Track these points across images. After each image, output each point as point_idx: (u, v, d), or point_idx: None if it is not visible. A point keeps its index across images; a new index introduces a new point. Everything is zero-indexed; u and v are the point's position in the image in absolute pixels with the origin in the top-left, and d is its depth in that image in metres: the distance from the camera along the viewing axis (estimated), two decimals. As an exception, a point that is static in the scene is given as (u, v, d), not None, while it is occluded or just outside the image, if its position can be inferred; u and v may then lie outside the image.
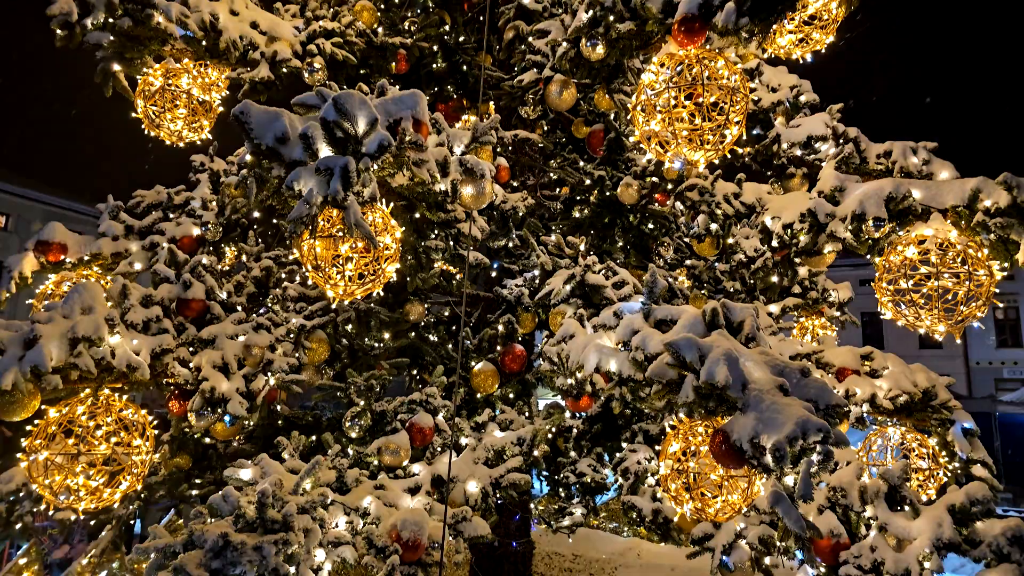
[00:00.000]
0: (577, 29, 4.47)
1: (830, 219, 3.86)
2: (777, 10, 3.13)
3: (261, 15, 4.73)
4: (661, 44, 4.15)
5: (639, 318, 3.19)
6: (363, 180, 2.75)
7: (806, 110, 6.45)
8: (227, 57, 4.37)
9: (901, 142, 5.28)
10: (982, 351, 28.12)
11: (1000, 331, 27.96)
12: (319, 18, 5.18)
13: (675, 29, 3.59)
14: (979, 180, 3.40)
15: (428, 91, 6.78)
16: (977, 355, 28.23)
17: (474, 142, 3.93)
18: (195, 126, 4.30)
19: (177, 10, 3.98)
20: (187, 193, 5.46)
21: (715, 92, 3.50)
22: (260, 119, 2.75)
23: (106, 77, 4.09)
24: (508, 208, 5.00)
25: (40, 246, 4.73)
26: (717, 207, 4.75)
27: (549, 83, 5.14)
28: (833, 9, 4.59)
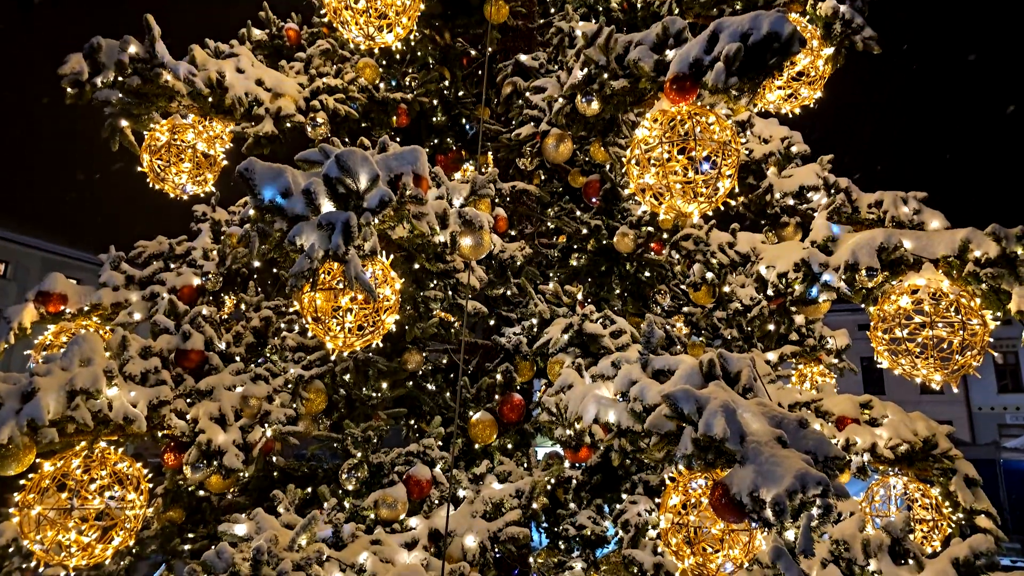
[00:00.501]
0: (572, 86, 4.61)
1: (824, 269, 3.92)
2: (765, 70, 3.25)
3: (266, 72, 4.88)
4: (654, 100, 4.28)
5: (637, 368, 3.20)
6: (364, 234, 2.81)
7: (797, 161, 6.60)
8: (232, 113, 4.49)
9: (891, 192, 5.39)
10: (984, 396, 27.96)
11: (1000, 376, 27.86)
12: (323, 75, 5.34)
13: (667, 87, 3.71)
14: (968, 231, 3.47)
15: (428, 143, 6.94)
16: (979, 400, 28.05)
17: (473, 195, 4.02)
18: (199, 179, 4.39)
19: (185, 69, 4.11)
20: (188, 243, 5.52)
21: (707, 147, 3.60)
22: (264, 175, 2.82)
23: (113, 132, 4.20)
24: (506, 257, 5.06)
25: (40, 297, 4.76)
26: (712, 256, 4.81)
27: (546, 137, 5.27)
28: (820, 66, 4.76)
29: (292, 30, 6.71)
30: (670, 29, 3.97)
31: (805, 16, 4.93)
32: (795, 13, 5.05)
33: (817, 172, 5.94)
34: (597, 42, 4.41)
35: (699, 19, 5.85)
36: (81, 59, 3.83)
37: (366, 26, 4.33)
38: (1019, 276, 3.19)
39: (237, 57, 4.70)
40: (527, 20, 7.61)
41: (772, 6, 5.20)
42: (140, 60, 3.95)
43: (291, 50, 6.50)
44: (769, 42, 3.22)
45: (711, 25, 3.57)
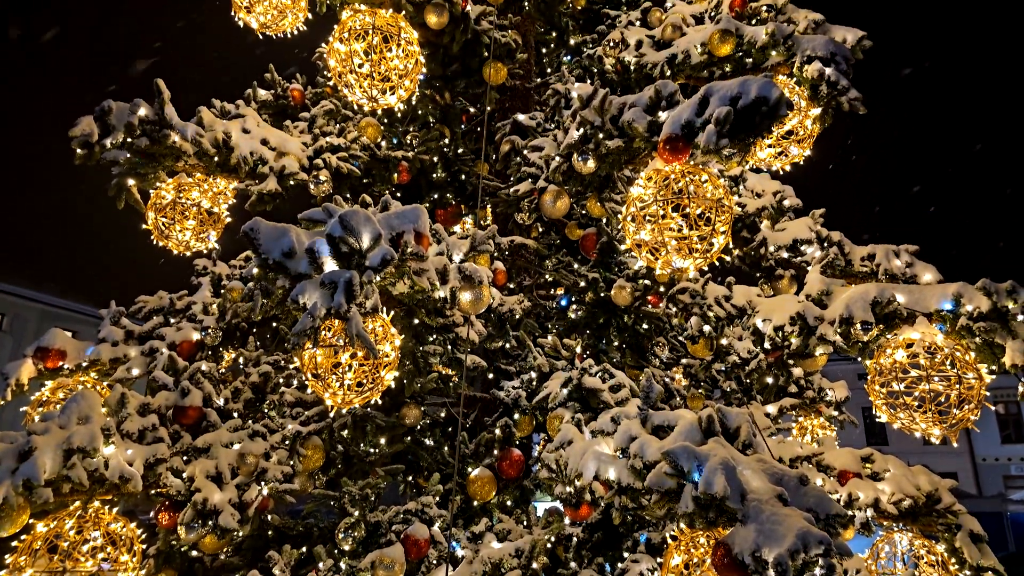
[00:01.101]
0: (569, 145, 4.74)
1: (819, 322, 3.96)
2: (755, 132, 3.36)
3: (271, 132, 5.02)
4: (648, 159, 4.40)
5: (636, 424, 3.20)
6: (366, 292, 2.85)
7: (790, 214, 6.74)
8: (238, 171, 4.60)
9: (883, 245, 5.50)
10: (987, 447, 27.62)
11: (1003, 426, 27.58)
12: (326, 134, 5.49)
13: (661, 147, 3.83)
14: (959, 285, 3.52)
15: (428, 198, 7.07)
16: (983, 451, 27.70)
17: (473, 250, 4.09)
18: (203, 236, 4.47)
19: (193, 130, 4.24)
20: (189, 298, 5.56)
21: (701, 204, 3.69)
22: (269, 235, 2.88)
23: (119, 191, 4.29)
24: (505, 311, 5.10)
25: (39, 352, 4.77)
26: (709, 309, 4.86)
27: (543, 193, 5.39)
28: (808, 125, 4.92)
29: (297, 90, 6.92)
30: (662, 92, 4.12)
31: (792, 78, 5.12)
32: (782, 75, 5.25)
33: (809, 225, 6.06)
34: (592, 104, 4.56)
35: (690, 80, 6.06)
36: (92, 121, 3.95)
37: (369, 89, 4.49)
38: (1012, 330, 3.23)
39: (243, 118, 4.85)
40: (524, 80, 7.87)
41: (760, 69, 5.41)
42: (149, 122, 4.07)
43: (295, 109, 6.69)
44: (758, 106, 3.34)
45: (702, 89, 3.70)
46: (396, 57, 4.58)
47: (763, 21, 6.28)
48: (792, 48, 5.12)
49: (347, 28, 4.49)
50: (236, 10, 5.54)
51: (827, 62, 4.81)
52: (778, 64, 5.33)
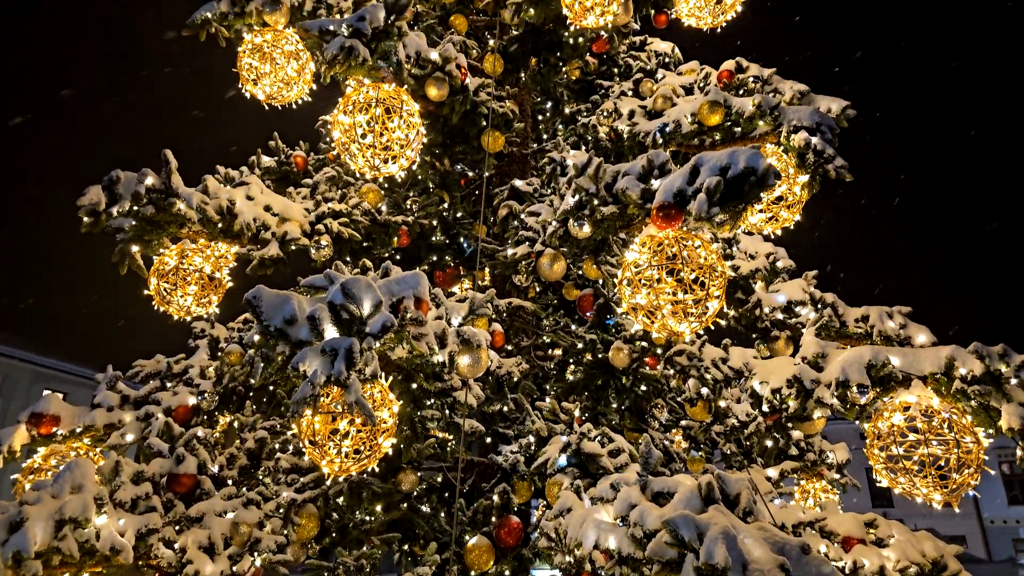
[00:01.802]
0: (565, 211, 4.87)
1: (816, 385, 3.98)
2: (745, 201, 3.47)
3: (275, 199, 5.14)
4: (642, 225, 4.51)
5: (636, 491, 3.17)
6: (366, 359, 2.88)
7: (784, 275, 6.84)
8: (240, 237, 4.69)
9: (876, 307, 5.56)
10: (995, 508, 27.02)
11: (1009, 487, 27.06)
12: (328, 200, 5.62)
13: (654, 214, 3.93)
14: (952, 349, 3.57)
15: (427, 261, 7.18)
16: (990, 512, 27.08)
17: (471, 314, 4.13)
18: (204, 301, 4.52)
19: (198, 198, 4.35)
20: (186, 361, 5.56)
21: (695, 269, 3.77)
22: (271, 303, 2.93)
23: (123, 257, 4.36)
24: (503, 373, 5.11)
25: (33, 418, 4.73)
26: (706, 372, 4.87)
27: (540, 256, 5.48)
28: (797, 192, 5.06)
29: (300, 157, 7.12)
30: (655, 161, 4.26)
31: (780, 146, 5.30)
32: (770, 144, 5.44)
33: (803, 287, 6.15)
34: (587, 172, 4.71)
35: (681, 148, 6.26)
36: (99, 191, 4.05)
37: (372, 158, 4.63)
38: (1006, 394, 3.26)
39: (248, 185, 4.98)
40: (521, 147, 8.11)
41: (749, 138, 5.61)
42: (156, 191, 4.18)
43: (298, 175, 6.88)
44: (746, 176, 3.46)
45: (692, 159, 3.84)
46: (398, 128, 4.74)
47: (751, 92, 6.55)
48: (779, 118, 5.32)
49: (351, 101, 4.67)
50: (244, 83, 5.76)
51: (813, 132, 5.00)
52: (766, 133, 5.53)
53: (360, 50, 4.54)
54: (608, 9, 5.69)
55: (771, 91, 6.43)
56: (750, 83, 6.68)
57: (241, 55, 5.76)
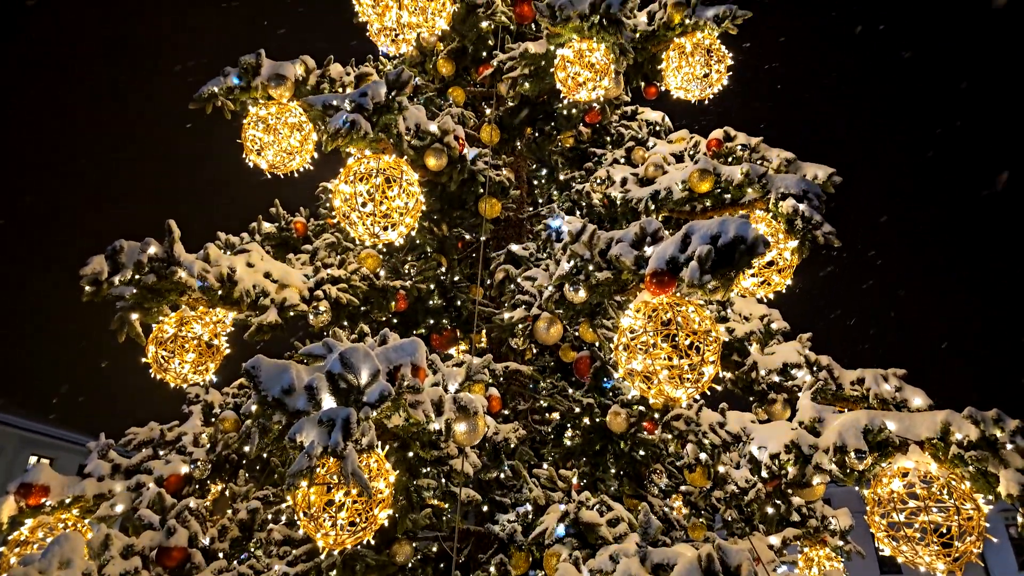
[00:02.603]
0: (561, 276, 4.95)
1: (814, 451, 3.96)
2: (736, 269, 3.55)
3: (274, 265, 5.22)
4: (637, 290, 4.59)
5: (636, 563, 3.12)
6: (362, 429, 2.88)
7: (779, 337, 6.88)
8: (240, 304, 4.74)
9: (872, 370, 5.59)
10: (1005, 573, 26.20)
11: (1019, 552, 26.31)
12: (327, 265, 5.71)
13: (648, 280, 4.01)
14: (947, 413, 3.58)
15: (424, 324, 7.22)
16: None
17: (468, 380, 4.14)
18: (201, 369, 4.52)
19: (199, 266, 4.42)
20: (179, 428, 5.51)
21: (690, 335, 3.81)
22: (269, 372, 2.95)
23: (122, 325, 4.39)
24: (500, 440, 5.07)
25: (22, 489, 4.64)
26: (704, 436, 4.85)
27: (537, 320, 5.53)
28: (787, 257, 5.17)
29: (300, 223, 7.26)
30: (647, 229, 4.37)
31: (769, 212, 5.44)
32: (760, 210, 5.59)
33: (798, 349, 6.18)
34: (582, 239, 4.81)
35: (673, 213, 6.42)
36: (102, 260, 4.12)
37: (372, 226, 4.74)
38: (1003, 459, 3.25)
39: (248, 252, 5.06)
40: (518, 211, 8.29)
41: (738, 204, 5.76)
42: (158, 259, 4.26)
43: (298, 241, 6.99)
44: (736, 244, 3.56)
45: (684, 228, 3.95)
46: (397, 197, 4.87)
47: (739, 159, 6.77)
48: (767, 186, 5.49)
49: (352, 172, 4.82)
50: (247, 153, 5.94)
51: (800, 199, 5.15)
52: (755, 200, 5.69)
53: (362, 124, 4.71)
54: (600, 84, 5.94)
55: (758, 159, 6.65)
56: (738, 151, 6.91)
57: (246, 127, 5.96)
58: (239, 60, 6.05)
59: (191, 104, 5.92)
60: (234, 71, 6.01)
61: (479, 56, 8.24)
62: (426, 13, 6.95)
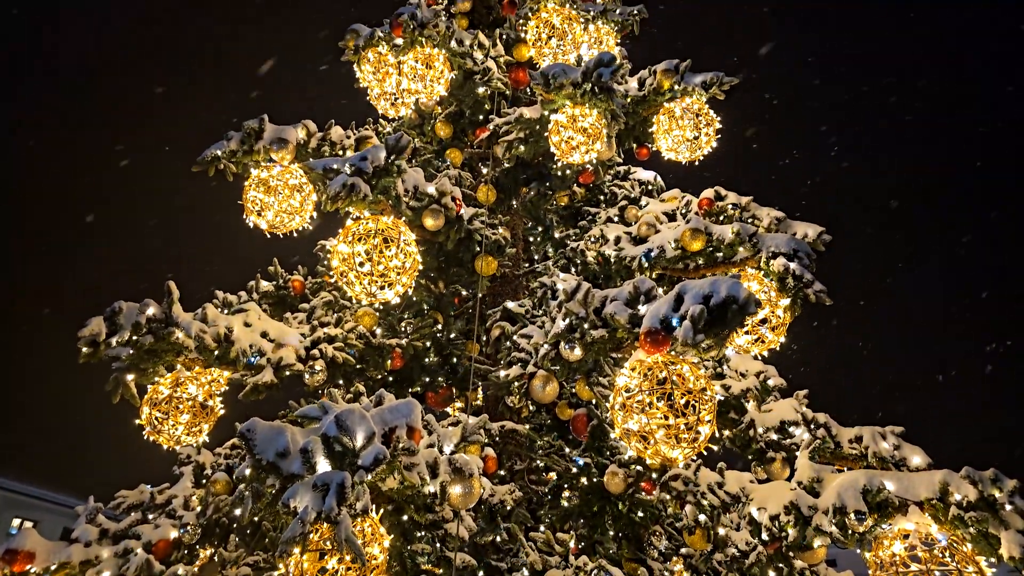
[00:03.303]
0: (556, 334, 4.98)
1: (813, 512, 3.92)
2: (728, 327, 3.60)
3: (271, 324, 5.25)
4: (632, 348, 4.61)
5: (635, 632, 3.04)
6: (357, 493, 2.85)
7: (776, 394, 6.86)
8: (236, 364, 4.75)
9: (869, 427, 5.57)
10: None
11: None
12: (324, 324, 5.74)
13: (642, 339, 4.05)
14: (944, 473, 3.56)
15: (420, 382, 7.19)
16: (1019, 643, 25.26)
17: (463, 441, 4.12)
18: (195, 430, 4.49)
19: (197, 327, 4.45)
20: (170, 491, 5.41)
21: (685, 394, 3.82)
22: (264, 435, 2.94)
23: (117, 386, 4.38)
24: (496, 502, 4.99)
25: (7, 555, 4.53)
26: (703, 497, 4.79)
27: (533, 378, 5.52)
28: (780, 314, 5.23)
29: (298, 281, 7.33)
30: (640, 288, 4.44)
31: (761, 271, 5.53)
32: (751, 268, 5.68)
33: (795, 407, 6.16)
34: (576, 297, 4.87)
35: (666, 271, 6.52)
36: (101, 322, 4.15)
37: (369, 286, 4.80)
38: (1003, 520, 3.22)
39: (246, 312, 5.10)
40: (513, 268, 8.38)
41: (731, 262, 5.86)
42: (156, 320, 4.29)
43: (295, 299, 7.04)
44: (728, 304, 3.62)
45: (676, 287, 4.02)
46: (395, 257, 4.95)
47: (730, 218, 6.91)
48: (758, 245, 5.59)
49: (351, 232, 4.91)
50: (248, 214, 6.05)
51: (791, 257, 5.25)
52: (747, 258, 5.79)
53: (361, 187, 4.83)
54: (592, 148, 6.13)
55: (749, 217, 6.79)
56: (729, 210, 7.06)
57: (247, 188, 6.10)
58: (243, 125, 6.24)
59: (194, 167, 6.08)
60: (237, 135, 6.19)
61: (476, 119, 8.50)
62: (425, 80, 7.23)
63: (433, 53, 7.26)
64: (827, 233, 6.09)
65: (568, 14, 8.04)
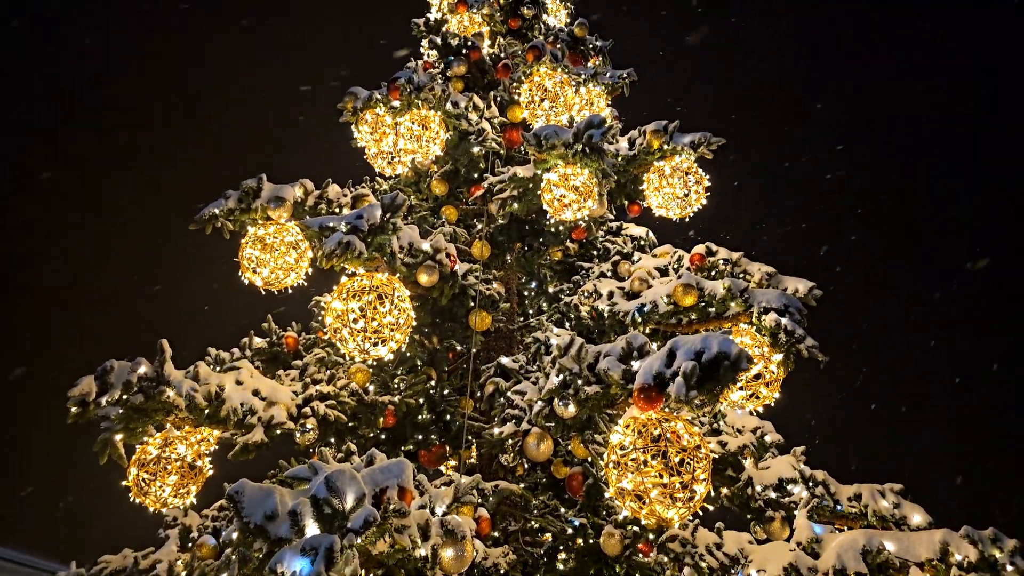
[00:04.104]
0: (550, 390, 4.96)
1: (813, 574, 3.83)
2: (721, 384, 3.60)
3: (263, 383, 5.22)
4: (626, 405, 4.59)
5: None
6: (346, 557, 2.79)
7: (773, 450, 6.78)
8: (226, 423, 4.69)
9: (868, 485, 5.49)
10: None
11: None
12: (316, 381, 5.70)
13: (635, 396, 4.04)
14: (944, 532, 3.51)
15: (412, 440, 7.09)
16: None
17: (456, 502, 4.05)
18: (182, 492, 4.40)
19: (188, 385, 4.42)
20: (154, 556, 5.25)
21: (680, 453, 3.79)
22: (253, 498, 2.89)
23: (105, 447, 4.31)
24: (489, 565, 4.87)
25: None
26: (701, 559, 4.68)
27: (527, 436, 5.47)
28: (773, 370, 5.23)
29: (291, 338, 7.30)
30: (633, 344, 4.45)
31: (753, 326, 5.56)
32: (744, 323, 5.71)
33: (792, 464, 6.09)
34: (570, 352, 4.88)
35: (659, 326, 6.54)
36: (92, 381, 4.13)
37: (362, 343, 4.80)
38: (1006, 582, 3.16)
39: (238, 370, 5.08)
40: (507, 323, 8.40)
41: (723, 317, 5.90)
42: (147, 379, 4.26)
43: (288, 356, 7.00)
44: (720, 360, 3.63)
45: (668, 343, 4.03)
46: (389, 313, 4.97)
47: (721, 273, 6.99)
48: (749, 300, 5.64)
49: (345, 289, 4.94)
50: (243, 271, 6.09)
51: (782, 313, 5.29)
52: (739, 313, 5.82)
53: (356, 245, 4.89)
54: (584, 205, 6.26)
55: (740, 272, 6.87)
56: (720, 265, 7.14)
57: (243, 246, 6.16)
58: (240, 184, 6.35)
59: (191, 225, 6.15)
60: (235, 193, 6.29)
61: (471, 177, 8.67)
62: (421, 141, 7.42)
63: (429, 115, 7.47)
64: (818, 288, 6.16)
65: (560, 78, 8.32)
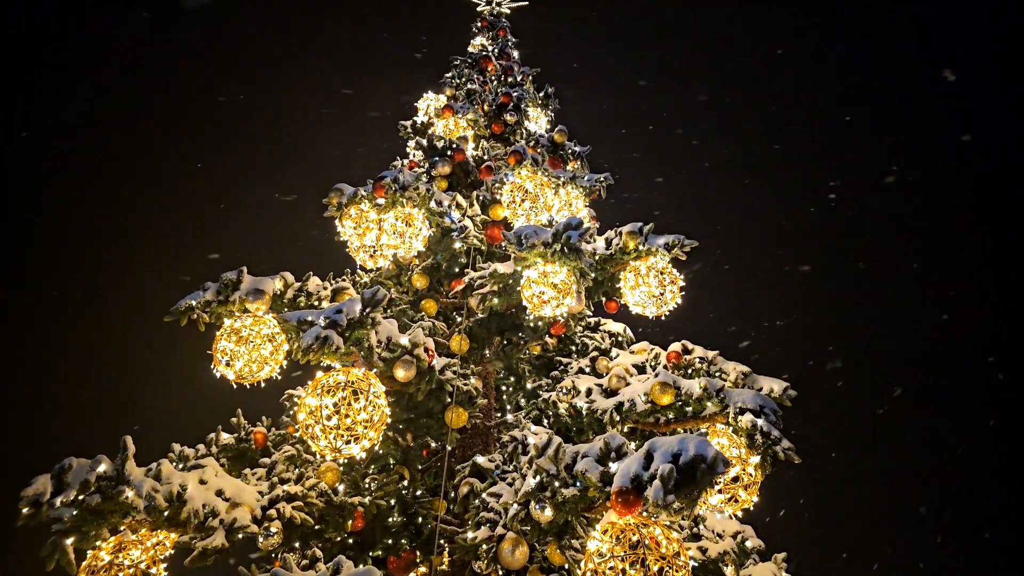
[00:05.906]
0: (526, 493, 4.83)
1: None
2: (698, 487, 3.55)
3: (228, 482, 5.00)
4: (604, 508, 4.47)
5: None
6: None
7: (755, 556, 6.59)
8: (186, 526, 4.46)
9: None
10: None
11: None
12: (284, 481, 5.48)
13: (613, 499, 3.95)
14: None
15: (381, 544, 6.76)
16: None
17: (425, 615, 3.82)
18: (133, 603, 4.11)
19: (149, 485, 4.22)
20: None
21: (658, 559, 3.67)
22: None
23: (54, 551, 4.04)
24: None
25: None
26: None
27: (502, 541, 5.27)
28: (751, 472, 5.17)
29: (260, 433, 7.09)
30: (611, 444, 4.40)
31: (729, 426, 5.55)
32: (720, 424, 5.69)
33: (774, 571, 5.91)
34: (547, 453, 4.79)
35: (637, 424, 6.49)
36: (48, 480, 3.93)
37: (335, 440, 4.68)
38: None
39: (203, 468, 4.88)
40: (485, 419, 8.27)
41: (700, 417, 5.88)
42: (107, 478, 4.07)
43: (256, 453, 6.77)
44: (697, 463, 3.59)
45: (646, 445, 3.99)
46: (363, 410, 4.88)
47: (698, 372, 7.03)
48: (725, 400, 5.66)
49: (320, 385, 4.87)
50: (216, 364, 5.98)
51: (757, 414, 5.30)
52: (715, 413, 5.82)
53: (334, 339, 4.87)
54: (562, 302, 6.35)
55: (716, 371, 6.92)
56: (696, 363, 7.20)
57: (218, 338, 6.07)
58: (220, 276, 6.36)
59: (166, 317, 6.09)
60: (214, 285, 6.28)
61: (452, 271, 8.80)
62: (404, 236, 7.57)
63: (413, 212, 7.66)
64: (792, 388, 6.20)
65: (540, 180, 8.67)
